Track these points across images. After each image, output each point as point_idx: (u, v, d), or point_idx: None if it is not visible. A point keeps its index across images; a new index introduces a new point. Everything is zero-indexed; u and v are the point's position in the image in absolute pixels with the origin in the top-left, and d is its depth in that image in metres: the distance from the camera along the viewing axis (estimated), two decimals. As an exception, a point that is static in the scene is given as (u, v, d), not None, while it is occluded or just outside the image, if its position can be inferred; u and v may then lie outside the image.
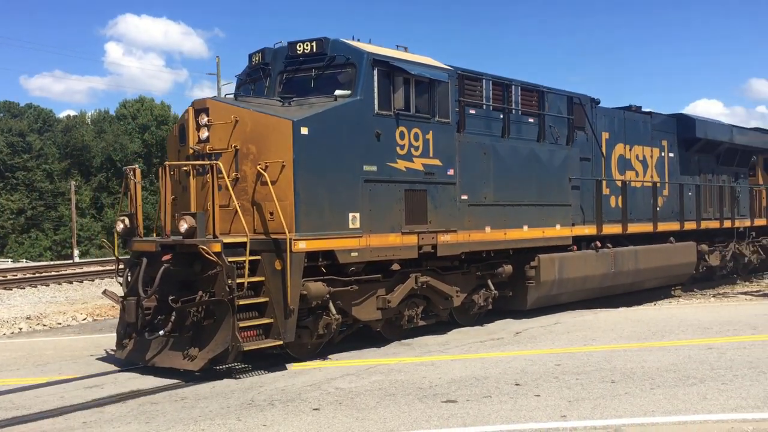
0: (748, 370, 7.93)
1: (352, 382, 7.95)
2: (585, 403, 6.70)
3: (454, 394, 7.21)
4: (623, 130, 14.33)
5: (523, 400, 6.91)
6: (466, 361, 8.98)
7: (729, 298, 15.19)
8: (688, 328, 10.96)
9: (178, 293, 8.64)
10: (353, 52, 9.59)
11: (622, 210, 13.82)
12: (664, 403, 6.60)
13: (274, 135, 8.83)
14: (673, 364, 8.37)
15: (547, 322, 11.78)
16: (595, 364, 8.42)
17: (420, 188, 10.07)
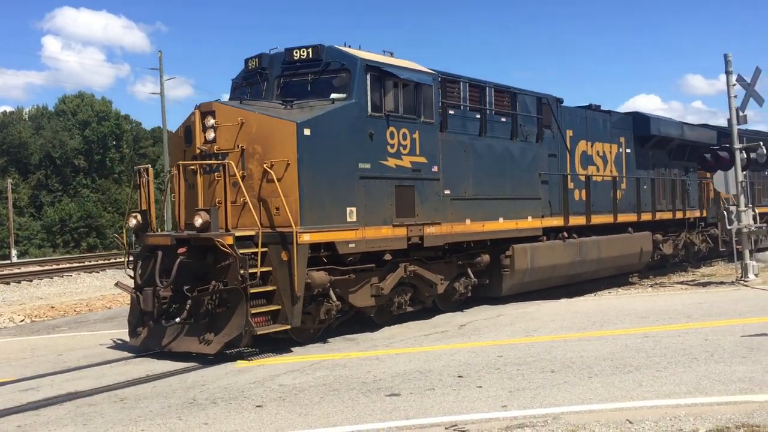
0: (682, 357, 8.33)
1: (296, 378, 8.13)
2: (525, 393, 6.97)
3: (398, 388, 7.42)
4: (585, 127, 15.80)
5: (465, 391, 7.15)
6: (410, 355, 9.25)
7: (666, 288, 15.95)
8: (626, 318, 11.47)
9: (192, 283, 9.61)
10: (347, 58, 10.69)
11: (585, 203, 15.30)
12: (602, 391, 6.89)
13: (278, 136, 9.86)
14: (610, 352, 8.74)
15: (490, 315, 12.36)
16: (536, 355, 8.78)
17: (408, 184, 11.24)
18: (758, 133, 26.43)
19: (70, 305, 17.81)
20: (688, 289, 15.42)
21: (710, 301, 12.92)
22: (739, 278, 15.85)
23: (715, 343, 9.00)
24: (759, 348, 8.57)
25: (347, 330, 11.10)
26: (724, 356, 8.22)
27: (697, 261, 20.88)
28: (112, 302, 18.05)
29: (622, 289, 16.21)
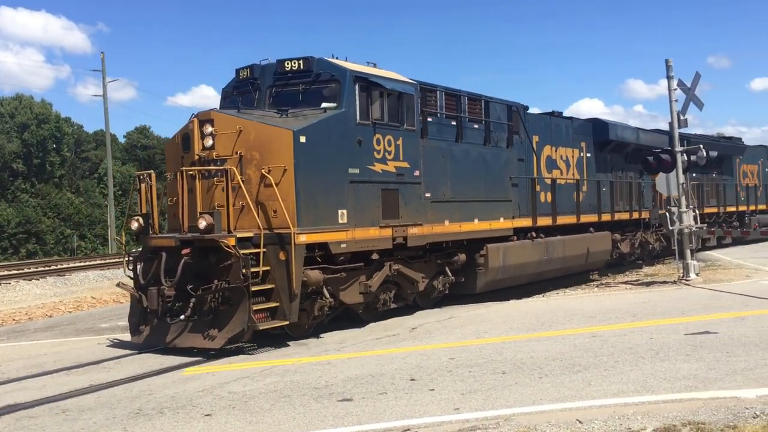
0: (629, 355, 8.61)
1: (246, 385, 8.19)
2: (477, 395, 7.13)
3: (350, 393, 7.52)
4: (549, 133, 17.08)
5: (418, 394, 7.31)
6: (362, 359, 9.40)
7: (611, 288, 16.41)
8: (574, 318, 11.86)
9: (195, 283, 10.41)
10: (337, 69, 11.63)
11: (551, 204, 16.57)
12: (552, 391, 7.10)
13: (276, 143, 10.74)
14: (560, 352, 9.00)
15: (442, 317, 12.75)
16: (488, 357, 9.01)
17: (393, 187, 12.24)
18: (705, 137, 28.38)
19: (8, 314, 17.37)
20: (633, 288, 16.00)
21: (654, 301, 13.49)
22: (681, 278, 16.41)
23: (660, 341, 9.38)
24: (702, 346, 8.99)
25: (335, 326, 12.00)
26: (669, 354, 8.57)
27: (652, 259, 22.43)
28: (53, 310, 17.83)
29: (570, 290, 16.70)
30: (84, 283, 24.08)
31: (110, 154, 58.27)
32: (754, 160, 30.31)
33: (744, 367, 7.74)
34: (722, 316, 11.21)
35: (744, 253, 23.35)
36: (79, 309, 18.05)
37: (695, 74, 16.87)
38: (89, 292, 21.53)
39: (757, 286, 14.61)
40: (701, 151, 17.40)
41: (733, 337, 9.35)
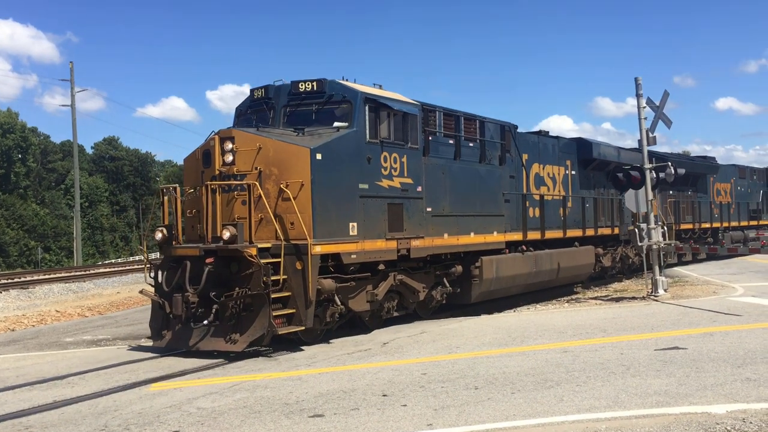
0: (600, 371, 8.81)
1: (215, 401, 8.23)
2: (450, 411, 7.23)
3: (321, 408, 7.59)
4: (538, 151, 18.33)
5: (390, 410, 7.38)
6: (333, 374, 9.49)
7: (581, 303, 16.87)
8: (546, 333, 12.16)
9: (217, 290, 11.36)
10: (349, 91, 12.72)
11: (540, 219, 17.79)
12: (524, 407, 7.25)
13: (294, 159, 11.77)
14: (532, 368, 9.17)
15: (413, 332, 13.00)
16: (460, 372, 9.14)
17: (398, 202, 13.33)
18: (682, 156, 30.03)
19: (-32, 328, 17.12)
20: (603, 304, 16.44)
21: (623, 316, 13.94)
22: (649, 293, 16.94)
23: (631, 356, 9.66)
24: (672, 361, 9.26)
25: (342, 333, 13.00)
26: (639, 370, 8.80)
27: (631, 272, 23.79)
28: (16, 324, 17.66)
29: (541, 305, 17.15)
30: (48, 297, 24.13)
31: (77, 165, 58.34)
32: (727, 179, 32.07)
33: (713, 382, 8.02)
34: (691, 332, 11.62)
35: (711, 269, 24.41)
36: (42, 323, 17.98)
37: (664, 92, 17.43)
38: (53, 306, 21.54)
39: (724, 302, 15.19)
40: (669, 169, 17.99)
41: (702, 353, 9.73)
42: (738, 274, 22.06)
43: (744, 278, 20.64)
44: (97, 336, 14.64)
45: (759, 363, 8.98)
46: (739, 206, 33.12)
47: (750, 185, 34.85)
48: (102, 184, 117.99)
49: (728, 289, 17.80)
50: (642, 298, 16.85)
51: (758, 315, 13.13)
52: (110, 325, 16.37)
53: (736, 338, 10.83)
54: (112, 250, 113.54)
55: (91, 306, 21.46)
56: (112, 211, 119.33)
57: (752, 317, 12.89)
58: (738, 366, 8.85)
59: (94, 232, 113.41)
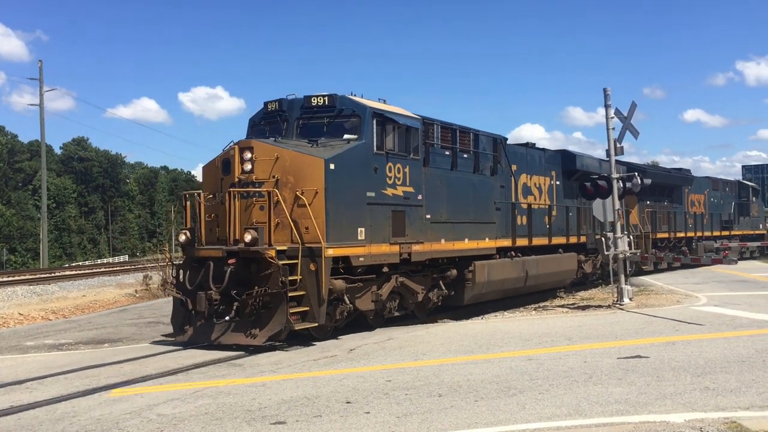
0: (563, 379, 9.01)
1: (176, 407, 8.26)
2: (413, 418, 7.40)
3: (284, 415, 7.68)
4: (525, 162, 19.80)
5: (353, 418, 7.50)
6: (297, 381, 9.62)
7: (548, 311, 17.28)
8: (511, 341, 12.51)
9: (237, 288, 12.60)
10: (359, 106, 14.03)
11: (527, 227, 19.25)
12: (487, 415, 7.43)
13: (309, 168, 13.04)
14: (496, 375, 9.39)
15: (380, 338, 13.28)
16: (425, 379, 9.34)
17: (401, 209, 14.66)
18: (659, 168, 31.80)
19: None
20: (569, 312, 16.88)
21: (589, 324, 14.36)
22: (615, 302, 17.47)
23: (594, 365, 9.91)
24: (634, 370, 9.52)
25: (347, 331, 14.27)
26: (602, 378, 9.04)
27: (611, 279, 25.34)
28: None
29: (508, 313, 17.61)
30: (11, 299, 24.04)
31: (45, 166, 58.57)
32: (701, 190, 33.97)
33: (673, 391, 8.28)
34: (653, 341, 11.96)
35: (676, 278, 25.41)
36: (4, 326, 17.97)
37: (632, 104, 17.98)
38: (16, 308, 21.35)
39: (687, 312, 15.75)
40: (636, 179, 18.43)
41: (663, 362, 10.05)
42: (702, 284, 22.91)
43: (708, 288, 21.47)
44: (60, 340, 14.72)
45: (718, 372, 9.29)
46: (712, 217, 35.07)
47: (722, 197, 36.88)
48: (70, 185, 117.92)
49: (692, 299, 18.44)
50: (608, 306, 17.41)
51: (719, 325, 13.72)
52: (74, 329, 16.56)
53: (697, 347, 11.23)
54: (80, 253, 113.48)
55: (56, 309, 21.58)
56: (80, 212, 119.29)
57: (714, 327, 13.45)
58: (698, 375, 9.15)
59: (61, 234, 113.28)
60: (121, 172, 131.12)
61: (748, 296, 18.79)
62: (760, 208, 42.86)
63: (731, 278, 25.09)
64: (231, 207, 12.86)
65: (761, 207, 43.46)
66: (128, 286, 32.13)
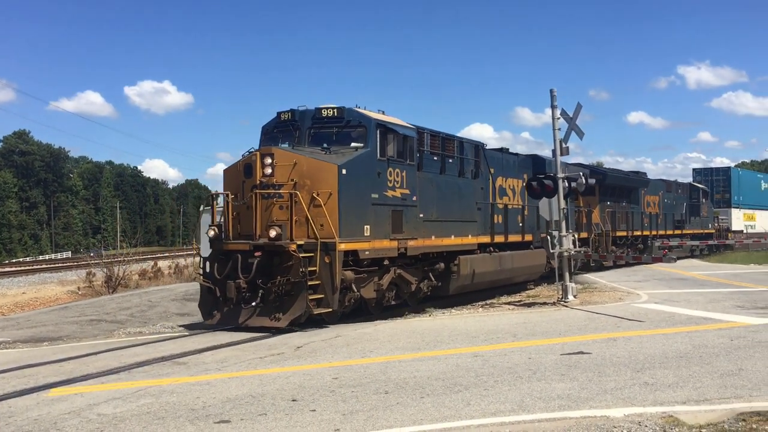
0: (508, 375, 9.29)
1: (117, 407, 8.31)
2: (359, 416, 7.53)
3: (228, 414, 7.78)
4: (501, 166, 22.42)
5: (298, 415, 7.64)
6: (243, 379, 9.75)
7: (495, 308, 17.95)
8: (458, 337, 12.86)
9: (262, 278, 14.88)
10: (364, 118, 16.41)
11: (504, 225, 21.88)
12: (432, 411, 7.64)
13: (324, 173, 15.36)
14: (442, 372, 9.64)
15: (328, 336, 13.73)
16: (371, 376, 9.52)
17: (399, 209, 17.10)
18: (618, 171, 34.92)
19: None
20: (515, 309, 17.58)
21: (534, 321, 14.90)
22: (560, 299, 18.13)
23: (538, 361, 10.23)
24: (576, 365, 9.83)
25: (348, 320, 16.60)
26: (545, 374, 9.32)
27: (575, 272, 28.20)
28: None
29: (455, 309, 18.28)
30: None
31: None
32: (656, 192, 37.27)
33: (614, 386, 8.58)
34: (596, 337, 12.40)
35: (619, 276, 26.72)
36: None
37: (577, 105, 18.63)
38: None
39: (629, 309, 16.52)
40: (581, 179, 19.35)
41: (605, 358, 10.43)
42: (644, 282, 24.19)
43: (649, 285, 22.61)
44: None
45: (657, 368, 9.64)
46: (666, 217, 38.44)
47: (675, 198, 40.31)
48: (11, 179, 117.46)
49: (633, 296, 19.38)
50: (553, 303, 18.12)
51: (659, 321, 14.36)
52: (12, 327, 16.74)
53: (638, 343, 11.66)
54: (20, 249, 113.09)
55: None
56: (21, 207, 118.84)
57: (653, 323, 14.06)
58: (637, 371, 9.49)
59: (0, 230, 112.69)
60: (64, 167, 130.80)
61: (687, 293, 19.86)
62: (709, 209, 46.65)
63: (671, 276, 26.52)
64: (256, 206, 15.13)
65: (710, 208, 47.30)
66: (71, 283, 32.67)
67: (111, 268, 30.08)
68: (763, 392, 8.27)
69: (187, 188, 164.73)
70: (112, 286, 29.27)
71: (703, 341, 11.77)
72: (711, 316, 14.99)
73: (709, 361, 10.10)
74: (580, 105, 18.72)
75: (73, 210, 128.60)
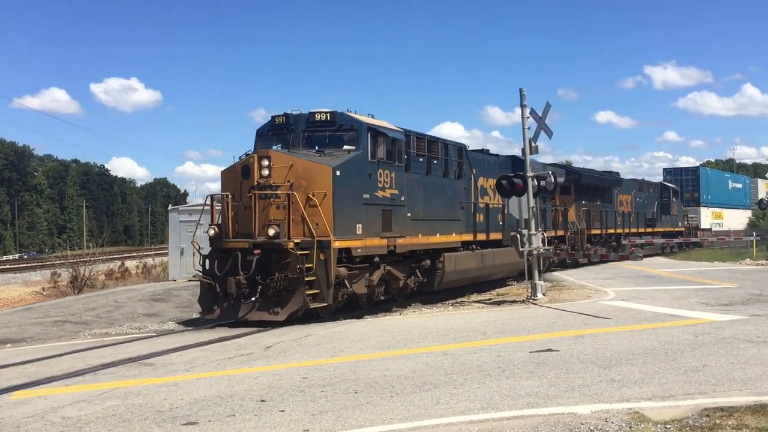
0: (477, 373, 9.37)
1: (82, 409, 8.28)
2: (328, 415, 7.58)
3: (196, 416, 7.77)
4: (482, 167, 23.62)
5: (267, 416, 7.66)
6: (211, 380, 9.76)
7: (465, 307, 18.16)
8: (428, 336, 13.02)
9: (261, 274, 15.88)
10: (356, 122, 17.46)
11: (485, 223, 23.08)
12: (402, 410, 7.70)
13: (319, 174, 16.38)
14: (412, 371, 9.73)
15: (297, 335, 13.74)
16: (341, 376, 9.58)
17: (388, 209, 18.19)
18: (593, 171, 36.35)
19: None
20: (485, 307, 17.79)
21: (503, 319, 15.11)
22: (529, 297, 18.53)
23: (507, 359, 10.37)
24: (544, 363, 9.99)
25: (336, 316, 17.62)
26: (514, 372, 9.45)
27: (553, 267, 29.54)
28: None
29: (426, 308, 18.76)
30: None
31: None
32: (628, 191, 38.84)
33: (581, 383, 8.71)
34: (564, 335, 12.57)
35: (587, 274, 27.19)
36: None
37: (546, 104, 19.00)
38: None
39: (596, 306, 16.84)
40: (550, 177, 19.61)
41: (573, 355, 10.57)
42: (611, 279, 24.78)
43: (616, 283, 23.17)
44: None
45: (623, 364, 9.83)
46: (638, 215, 40.05)
47: (647, 197, 41.96)
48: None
49: (601, 294, 19.81)
50: (522, 301, 18.52)
51: (626, 318, 14.65)
52: None
53: (604, 340, 11.85)
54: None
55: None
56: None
57: (620, 320, 14.35)
58: (604, 367, 9.66)
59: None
60: (29, 165, 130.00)
61: (653, 291, 20.32)
62: (679, 208, 48.49)
63: (638, 274, 27.11)
64: (255, 206, 16.13)
65: (680, 206, 49.14)
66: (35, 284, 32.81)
67: (77, 269, 30.16)
68: (727, 388, 8.41)
69: (156, 187, 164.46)
70: (77, 286, 29.31)
71: (668, 338, 12.00)
72: (676, 312, 15.38)
73: (675, 357, 10.31)
74: (549, 104, 19.21)
75: (38, 209, 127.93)
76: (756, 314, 14.79)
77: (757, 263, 32.48)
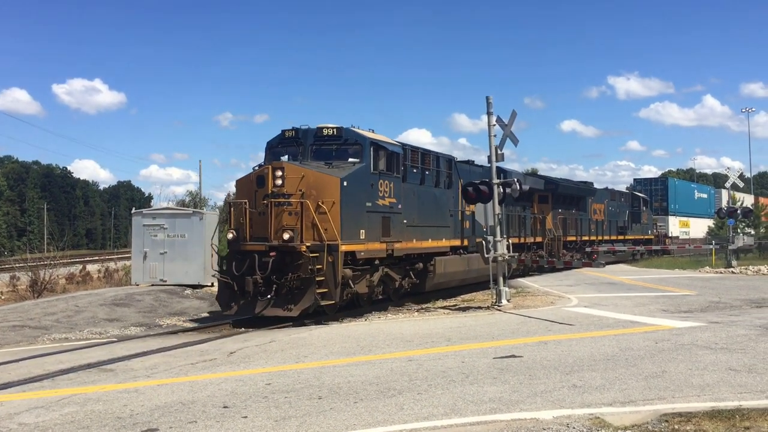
0: (441, 379, 9.54)
1: (39, 416, 8.31)
2: (291, 422, 7.64)
3: (157, 422, 7.79)
4: (469, 176, 25.99)
5: (230, 422, 7.73)
6: (173, 386, 9.79)
7: (431, 313, 19.08)
8: (393, 342, 13.26)
9: (275, 274, 18.06)
10: (360, 137, 19.73)
11: (471, 230, 25.46)
12: (366, 416, 7.82)
13: (328, 185, 18.61)
14: (377, 377, 9.85)
15: (262, 341, 13.96)
16: (305, 381, 9.70)
17: (387, 216, 20.47)
18: (568, 180, 39.04)
19: None
20: (450, 313, 18.59)
21: (468, 325, 15.57)
22: (494, 303, 19.34)
23: (471, 365, 10.57)
24: (508, 369, 10.22)
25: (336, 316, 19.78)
26: (478, 378, 9.63)
27: (531, 272, 32.04)
28: None
29: (391, 314, 19.73)
30: None
31: None
32: (602, 200, 41.62)
33: (544, 389, 8.90)
34: (527, 341, 12.90)
35: (551, 281, 28.29)
36: None
37: (512, 112, 19.84)
38: None
39: (559, 312, 17.49)
40: (515, 184, 20.32)
41: (536, 361, 10.82)
42: (575, 286, 25.75)
43: (579, 290, 24.08)
44: None
45: (585, 370, 10.05)
46: (611, 223, 42.87)
47: (619, 206, 44.84)
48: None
49: (564, 300, 20.60)
50: (487, 308, 19.30)
51: (588, 325, 15.11)
52: None
53: (567, 347, 12.16)
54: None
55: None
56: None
57: (583, 327, 14.77)
58: (567, 373, 9.87)
59: None
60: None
61: (615, 297, 21.26)
62: (649, 216, 51.53)
63: (601, 281, 28.31)
64: (271, 213, 18.32)
65: (650, 215, 52.20)
66: None
67: (36, 272, 30.22)
68: (685, 393, 8.68)
69: (119, 190, 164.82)
70: (37, 290, 29.45)
71: (629, 344, 12.37)
72: (637, 319, 15.98)
73: (635, 363, 10.59)
74: (515, 112, 19.98)
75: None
76: (714, 321, 15.46)
77: (715, 271, 33.89)
